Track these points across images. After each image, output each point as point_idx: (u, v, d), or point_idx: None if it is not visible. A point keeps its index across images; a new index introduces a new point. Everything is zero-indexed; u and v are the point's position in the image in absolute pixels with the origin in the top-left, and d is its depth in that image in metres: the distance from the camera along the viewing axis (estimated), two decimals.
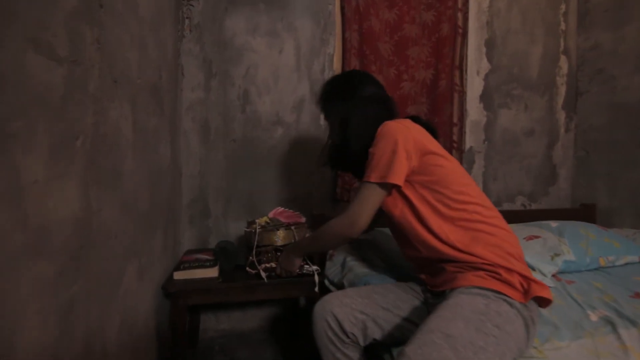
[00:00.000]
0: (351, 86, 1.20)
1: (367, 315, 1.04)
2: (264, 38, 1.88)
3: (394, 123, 1.04)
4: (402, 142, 1.00)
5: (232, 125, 1.88)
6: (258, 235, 1.38)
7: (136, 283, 1.07)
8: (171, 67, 1.52)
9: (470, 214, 1.00)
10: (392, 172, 0.98)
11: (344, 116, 1.16)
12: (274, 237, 1.40)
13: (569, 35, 2.35)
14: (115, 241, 0.89)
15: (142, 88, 1.08)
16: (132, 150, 1.00)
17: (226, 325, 1.91)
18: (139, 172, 1.08)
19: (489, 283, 0.92)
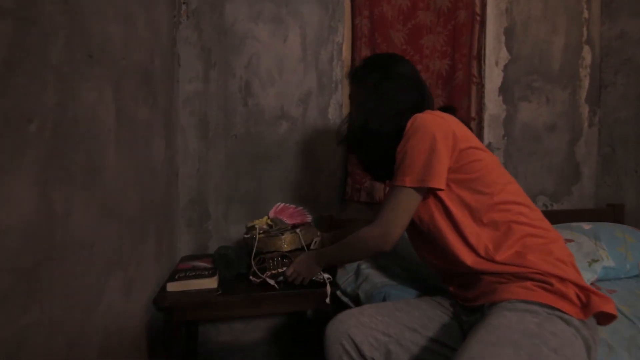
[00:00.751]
0: (385, 62, 1.07)
1: (390, 337, 0.88)
2: (267, 25, 1.73)
3: (429, 115, 0.90)
4: (441, 138, 0.85)
5: (233, 120, 1.72)
6: (260, 242, 1.25)
7: (122, 299, 0.92)
8: (166, 54, 1.37)
9: (514, 215, 0.85)
10: (432, 173, 0.85)
11: (370, 92, 1.03)
12: (280, 243, 1.25)
13: (592, 23, 2.20)
14: (91, 252, 0.74)
15: (128, 71, 0.93)
16: (116, 144, 0.85)
17: (227, 337, 1.76)
18: (125, 169, 0.92)
19: (539, 295, 0.77)
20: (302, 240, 1.27)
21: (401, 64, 1.07)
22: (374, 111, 1.01)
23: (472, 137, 0.92)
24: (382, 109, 1.00)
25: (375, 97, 1.02)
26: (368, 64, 1.10)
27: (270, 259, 1.24)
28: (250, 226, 1.36)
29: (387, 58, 1.10)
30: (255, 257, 1.26)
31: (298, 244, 1.27)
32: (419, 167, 0.86)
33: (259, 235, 1.27)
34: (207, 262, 1.39)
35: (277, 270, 1.23)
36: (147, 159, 1.12)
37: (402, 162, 0.89)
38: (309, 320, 1.74)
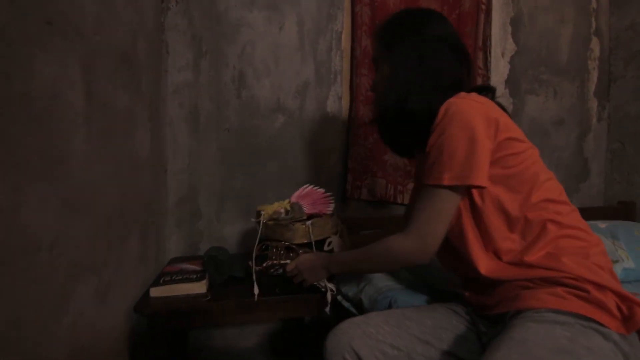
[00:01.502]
0: (416, 21, 0.89)
1: (400, 350, 0.78)
2: (262, 12, 1.63)
3: (465, 100, 0.77)
4: (482, 126, 0.73)
5: (225, 113, 1.62)
6: (268, 229, 1.13)
7: (95, 306, 0.81)
8: (152, 39, 1.27)
9: (550, 214, 0.75)
10: (474, 168, 0.72)
11: (404, 60, 0.85)
12: (289, 234, 1.13)
13: (600, 14, 2.11)
14: (51, 254, 0.63)
15: (103, 50, 0.83)
16: (86, 129, 0.74)
17: (220, 343, 1.65)
18: (99, 160, 0.82)
19: (572, 304, 0.66)
20: (310, 235, 1.12)
21: (442, 25, 0.89)
22: (409, 85, 0.83)
23: (513, 126, 0.79)
24: (420, 83, 0.83)
25: (411, 67, 0.84)
26: (400, 20, 0.91)
27: (275, 247, 1.14)
28: (261, 210, 1.23)
29: (424, 15, 0.91)
30: (260, 242, 1.16)
31: (306, 237, 1.14)
32: (458, 162, 0.73)
33: (269, 222, 1.13)
34: (197, 264, 1.28)
35: (278, 261, 1.12)
36: (128, 151, 1.01)
37: (439, 157, 0.75)
38: (307, 325, 1.64)
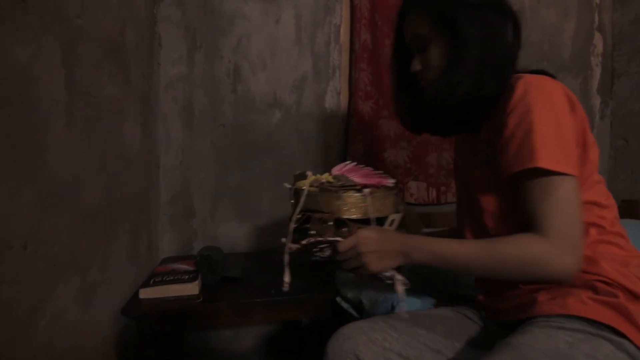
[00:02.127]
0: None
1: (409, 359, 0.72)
2: (258, 4, 1.58)
3: (543, 78, 0.67)
4: (568, 110, 0.65)
5: (220, 108, 1.57)
6: (310, 197, 0.80)
7: (77, 308, 0.76)
8: (143, 30, 1.22)
9: (594, 217, 0.69)
10: (570, 156, 0.63)
11: (469, 32, 0.71)
12: (338, 203, 0.79)
13: (603, 9, 2.07)
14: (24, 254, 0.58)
15: (87, 35, 0.77)
16: (66, 119, 0.69)
17: (214, 345, 1.60)
18: (83, 153, 0.77)
19: (587, 309, 0.60)
20: (370, 208, 0.78)
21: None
22: (484, 64, 0.70)
23: (585, 117, 0.71)
24: (495, 60, 0.70)
25: (482, 42, 0.70)
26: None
27: (319, 219, 0.78)
28: (300, 173, 0.93)
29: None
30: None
31: (365, 214, 0.79)
32: (557, 146, 0.63)
33: (311, 189, 0.80)
34: (190, 264, 1.23)
35: (324, 238, 0.75)
36: (116, 145, 0.96)
37: (534, 139, 0.62)
38: (305, 326, 1.59)
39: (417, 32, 0.76)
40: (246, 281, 1.16)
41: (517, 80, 0.68)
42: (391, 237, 0.72)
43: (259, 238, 1.62)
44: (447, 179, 1.77)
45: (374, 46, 1.66)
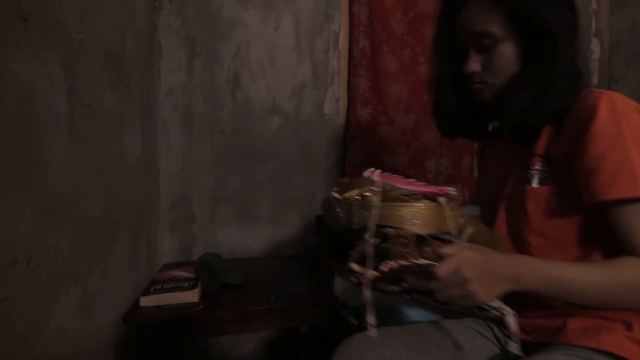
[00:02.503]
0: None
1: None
2: (257, 11, 1.59)
3: (623, 97, 0.63)
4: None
5: (220, 114, 1.58)
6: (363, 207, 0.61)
7: (78, 318, 0.77)
8: (143, 38, 1.23)
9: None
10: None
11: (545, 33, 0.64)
12: (409, 215, 0.60)
13: (600, 14, 2.08)
14: (27, 267, 0.59)
15: (87, 48, 0.79)
16: (68, 132, 0.70)
17: (215, 351, 1.61)
18: (83, 164, 0.78)
19: (625, 347, 0.59)
20: (450, 222, 0.62)
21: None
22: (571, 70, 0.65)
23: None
24: (577, 67, 0.66)
25: (567, 46, 0.65)
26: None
27: (400, 236, 0.60)
28: (345, 181, 0.69)
29: None
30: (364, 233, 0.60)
31: (437, 228, 0.61)
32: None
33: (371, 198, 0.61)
34: (190, 271, 1.24)
35: (412, 261, 0.58)
36: (116, 154, 0.97)
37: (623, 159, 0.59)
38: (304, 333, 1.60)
39: (483, 29, 0.67)
40: (246, 288, 1.17)
41: (593, 94, 0.63)
42: (497, 258, 0.59)
43: (259, 243, 1.63)
44: (445, 183, 1.78)
45: (372, 53, 1.67)
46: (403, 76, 1.72)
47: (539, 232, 0.69)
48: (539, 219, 0.68)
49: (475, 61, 0.70)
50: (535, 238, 0.69)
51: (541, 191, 0.68)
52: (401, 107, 1.71)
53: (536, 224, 0.69)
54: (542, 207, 0.68)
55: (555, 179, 0.66)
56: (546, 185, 0.67)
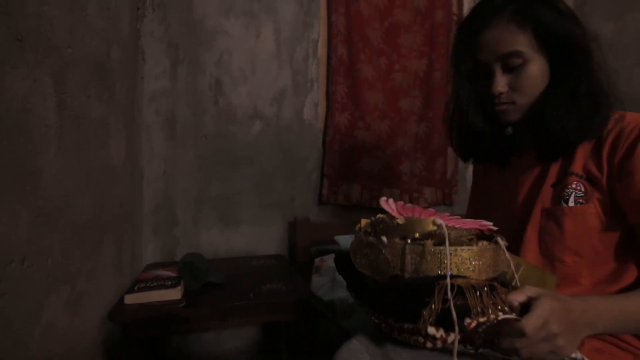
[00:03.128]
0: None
1: None
2: (239, 20, 1.65)
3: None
4: None
5: (202, 119, 1.63)
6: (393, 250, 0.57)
7: (67, 316, 0.82)
8: (127, 47, 1.28)
9: None
10: None
11: (574, 50, 0.65)
12: (460, 260, 0.56)
13: None
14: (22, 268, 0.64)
15: (76, 62, 0.84)
16: (58, 142, 0.75)
17: (197, 348, 1.66)
18: (72, 172, 0.83)
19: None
20: (512, 266, 0.60)
21: None
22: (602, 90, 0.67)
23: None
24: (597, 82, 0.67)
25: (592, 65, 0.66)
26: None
27: (475, 287, 0.53)
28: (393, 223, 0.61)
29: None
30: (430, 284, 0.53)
31: (494, 270, 0.58)
32: None
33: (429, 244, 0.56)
34: (173, 270, 1.29)
35: (489, 317, 0.51)
36: (102, 161, 1.02)
37: None
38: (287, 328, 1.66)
39: (513, 49, 0.66)
40: (227, 286, 1.23)
41: (631, 116, 0.66)
42: (572, 305, 0.55)
43: (240, 245, 1.69)
44: (420, 186, 1.87)
45: (350, 61, 1.75)
46: (379, 83, 1.81)
47: (574, 251, 0.69)
48: (575, 238, 0.68)
49: (501, 81, 0.69)
50: (571, 257, 0.69)
51: (579, 210, 0.67)
52: (377, 113, 1.80)
53: (572, 242, 0.68)
54: (578, 226, 0.68)
55: (595, 198, 0.66)
56: (583, 205, 0.67)
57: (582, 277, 0.69)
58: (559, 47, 0.65)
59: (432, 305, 0.50)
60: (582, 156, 0.69)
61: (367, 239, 0.60)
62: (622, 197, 0.64)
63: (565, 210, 0.68)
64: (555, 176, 0.72)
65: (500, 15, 0.67)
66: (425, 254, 0.54)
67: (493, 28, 0.67)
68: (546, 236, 0.72)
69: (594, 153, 0.68)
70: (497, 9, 0.67)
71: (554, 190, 0.71)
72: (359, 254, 0.62)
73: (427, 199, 1.88)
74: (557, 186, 0.71)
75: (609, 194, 0.65)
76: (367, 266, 0.60)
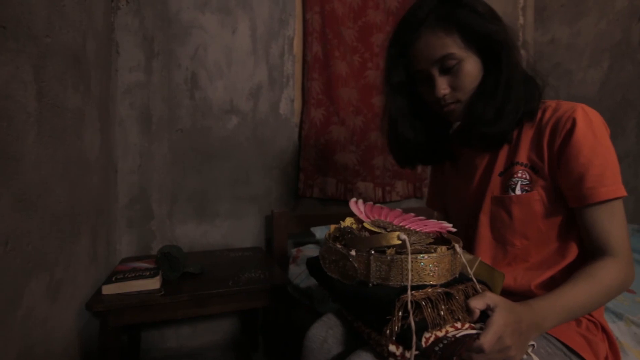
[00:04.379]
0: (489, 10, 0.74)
1: None
2: (214, 15, 1.66)
3: (590, 108, 0.70)
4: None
5: (178, 113, 1.64)
6: (383, 263, 0.60)
7: (47, 303, 0.82)
8: (102, 39, 1.27)
9: None
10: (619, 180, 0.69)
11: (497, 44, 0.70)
12: (421, 266, 0.59)
13: (527, 29, 2.36)
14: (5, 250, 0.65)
15: (54, 52, 0.84)
16: (37, 130, 0.76)
17: (173, 342, 1.66)
18: (50, 160, 0.83)
19: (577, 342, 0.69)
20: (468, 269, 0.63)
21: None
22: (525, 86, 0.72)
23: None
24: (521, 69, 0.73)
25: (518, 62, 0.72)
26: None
27: (432, 299, 0.57)
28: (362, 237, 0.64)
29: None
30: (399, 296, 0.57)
31: (452, 273, 0.63)
32: (616, 171, 0.68)
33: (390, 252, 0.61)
34: (150, 262, 1.30)
35: (448, 332, 0.56)
36: (77, 151, 1.02)
37: (606, 165, 0.67)
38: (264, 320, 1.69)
39: (445, 52, 0.70)
40: (205, 276, 1.25)
41: (566, 106, 0.70)
42: (522, 314, 0.59)
43: (217, 238, 1.70)
44: (392, 179, 1.94)
45: (324, 58, 1.80)
46: (353, 80, 1.87)
47: (523, 235, 0.75)
48: (523, 223, 0.74)
49: (442, 84, 0.73)
50: (520, 240, 0.76)
51: (525, 198, 0.73)
52: (352, 109, 1.86)
53: (520, 227, 0.74)
54: (526, 212, 0.73)
55: (539, 185, 0.72)
56: (529, 192, 0.73)
57: (531, 257, 0.76)
58: (483, 44, 0.70)
59: (392, 324, 0.54)
60: (526, 145, 0.74)
61: (335, 247, 0.65)
62: (562, 183, 0.70)
63: (513, 199, 0.74)
64: (503, 165, 0.77)
65: (426, 25, 0.71)
66: (388, 263, 0.59)
67: (422, 38, 0.72)
68: (497, 222, 0.78)
69: (536, 142, 0.73)
70: (422, 20, 0.71)
71: (502, 179, 0.77)
72: (327, 260, 0.66)
73: (399, 192, 1.96)
74: (504, 175, 0.76)
75: (551, 181, 0.71)
76: (336, 271, 0.65)
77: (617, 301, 1.09)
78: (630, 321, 0.98)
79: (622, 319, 1.00)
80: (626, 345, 0.93)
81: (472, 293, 0.60)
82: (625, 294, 1.15)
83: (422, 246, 0.63)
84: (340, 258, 0.63)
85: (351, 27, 1.87)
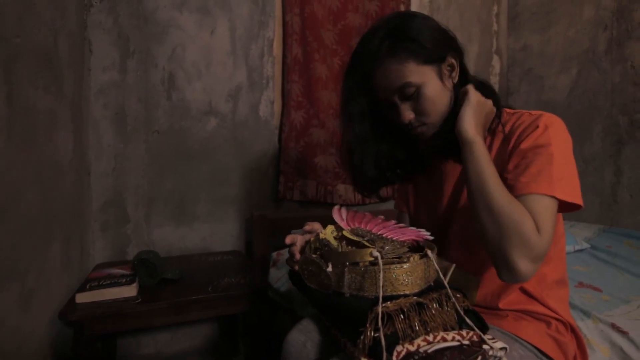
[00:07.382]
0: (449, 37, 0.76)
1: None
2: (193, 15, 1.63)
3: (556, 117, 0.72)
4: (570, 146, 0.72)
5: (155, 114, 1.60)
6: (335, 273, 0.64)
7: (18, 314, 0.79)
8: (74, 38, 1.23)
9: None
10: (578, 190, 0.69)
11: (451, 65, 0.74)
12: (394, 277, 0.61)
13: (500, 35, 2.43)
14: None
15: (25, 52, 0.81)
16: (7, 134, 0.73)
17: (150, 349, 1.62)
18: (21, 164, 0.80)
19: (548, 345, 0.72)
20: (441, 276, 0.63)
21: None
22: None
23: None
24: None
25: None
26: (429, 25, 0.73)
27: (404, 310, 0.58)
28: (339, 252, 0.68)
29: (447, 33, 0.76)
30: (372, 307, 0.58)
31: (426, 281, 0.64)
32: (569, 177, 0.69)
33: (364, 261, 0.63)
34: (126, 268, 1.26)
35: (420, 349, 0.55)
36: (49, 155, 0.98)
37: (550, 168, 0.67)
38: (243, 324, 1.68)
39: (402, 82, 0.71)
40: (184, 281, 1.23)
41: (533, 116, 0.72)
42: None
43: (196, 241, 1.68)
44: None
45: (304, 60, 1.80)
46: (332, 83, 1.87)
47: None
48: None
49: (406, 110, 0.74)
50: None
51: None
52: (331, 112, 1.86)
53: None
54: None
55: None
56: None
57: None
58: (440, 63, 0.72)
59: (364, 337, 0.55)
60: (495, 155, 0.75)
61: (312, 257, 0.66)
62: (508, 174, 0.70)
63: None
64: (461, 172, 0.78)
65: (380, 58, 0.71)
66: (362, 274, 0.61)
67: (378, 70, 0.72)
68: (467, 232, 0.78)
69: (503, 151, 0.74)
70: (374, 54, 0.72)
71: (463, 184, 0.77)
72: (306, 270, 0.68)
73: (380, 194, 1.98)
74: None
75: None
76: (313, 280, 0.67)
77: (585, 299, 1.14)
78: (597, 319, 1.03)
79: (589, 317, 1.05)
80: (593, 342, 0.97)
81: (445, 301, 0.62)
82: (592, 292, 1.21)
83: (396, 255, 0.64)
84: (317, 268, 0.65)
85: (331, 30, 1.87)
